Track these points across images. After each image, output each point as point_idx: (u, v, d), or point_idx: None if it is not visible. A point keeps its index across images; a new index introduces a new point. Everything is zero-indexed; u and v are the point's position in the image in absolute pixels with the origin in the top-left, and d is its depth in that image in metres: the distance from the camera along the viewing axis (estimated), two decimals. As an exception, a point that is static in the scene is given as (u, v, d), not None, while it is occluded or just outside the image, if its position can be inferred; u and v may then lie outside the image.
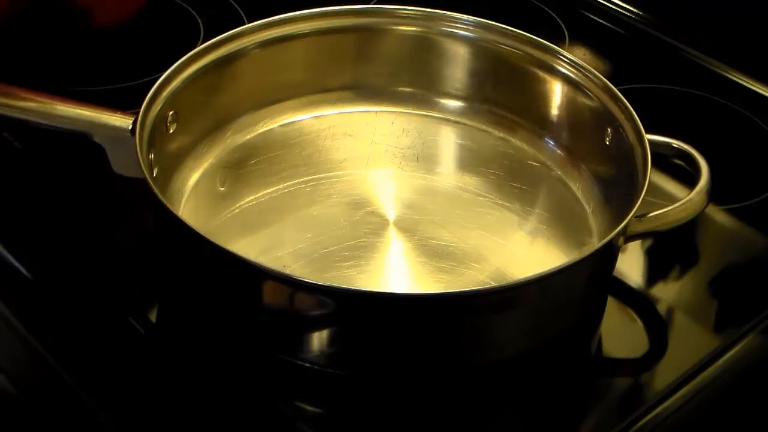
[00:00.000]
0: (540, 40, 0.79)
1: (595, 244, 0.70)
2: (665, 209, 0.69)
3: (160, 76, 0.72)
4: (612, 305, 0.71)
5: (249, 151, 0.78)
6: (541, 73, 0.79)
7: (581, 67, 0.77)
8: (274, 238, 0.71)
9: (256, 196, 0.74)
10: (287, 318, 0.63)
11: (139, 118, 0.69)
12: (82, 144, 0.70)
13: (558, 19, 0.99)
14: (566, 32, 0.98)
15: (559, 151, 0.79)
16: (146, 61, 0.85)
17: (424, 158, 0.79)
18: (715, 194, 0.70)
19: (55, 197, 0.75)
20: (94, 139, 0.70)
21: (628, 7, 1.01)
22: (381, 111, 0.81)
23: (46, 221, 0.73)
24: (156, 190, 0.64)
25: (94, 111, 0.70)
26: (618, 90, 0.75)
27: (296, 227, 0.72)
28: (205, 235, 0.61)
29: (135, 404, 0.63)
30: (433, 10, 0.81)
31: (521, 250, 0.73)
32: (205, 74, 0.75)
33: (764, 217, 0.79)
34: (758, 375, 0.69)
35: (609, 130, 0.75)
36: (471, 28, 0.81)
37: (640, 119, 0.72)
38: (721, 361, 0.67)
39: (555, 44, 0.79)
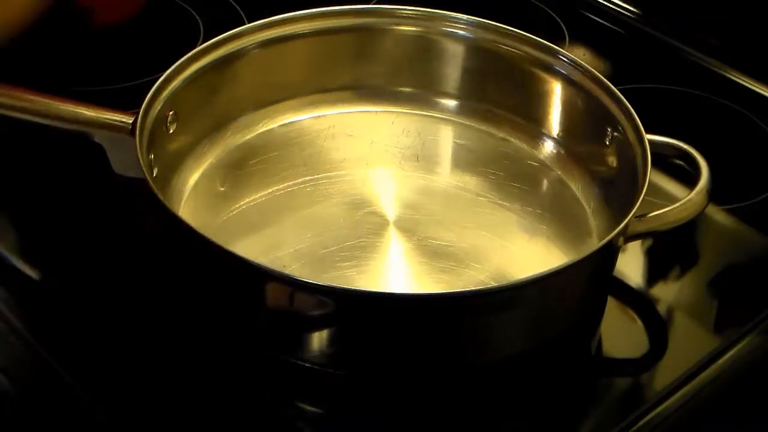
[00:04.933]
0: (540, 40, 0.79)
1: (595, 244, 0.70)
2: (665, 209, 0.69)
3: (160, 76, 0.72)
4: (612, 305, 0.71)
5: (249, 151, 0.78)
6: (541, 73, 0.79)
7: (581, 67, 0.77)
8: (274, 238, 0.71)
9: (256, 196, 0.74)
10: (287, 318, 0.63)
11: (139, 118, 0.69)
12: (82, 144, 0.70)
13: (558, 19, 0.99)
14: (566, 32, 0.98)
15: (559, 151, 0.79)
16: (146, 61, 0.85)
17: (424, 158, 0.79)
18: (715, 194, 0.70)
19: (55, 197, 0.75)
20: (94, 139, 0.70)
21: (628, 7, 1.01)
22: (381, 111, 0.82)
23: (46, 221, 0.73)
24: (156, 190, 0.64)
25: (94, 111, 0.70)
26: (618, 90, 0.75)
27: (296, 227, 0.72)
28: (205, 235, 0.61)
29: (135, 404, 0.63)
30: (433, 10, 0.81)
31: (521, 250, 0.72)
32: (205, 74, 0.75)
33: (764, 217, 0.79)
34: (758, 375, 0.69)
35: (609, 130, 0.75)
36: (471, 28, 0.81)
37: (640, 119, 0.72)
38: (721, 361, 0.67)
39: (555, 44, 0.79)
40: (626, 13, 1.01)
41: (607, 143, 0.75)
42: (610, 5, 1.02)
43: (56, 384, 0.65)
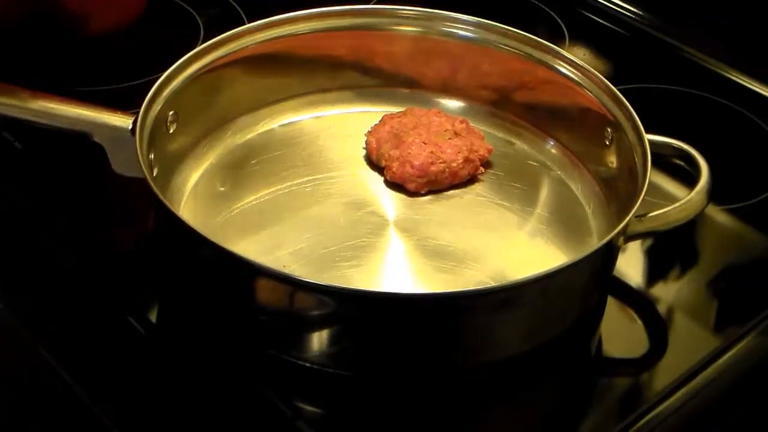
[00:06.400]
0: (540, 40, 0.79)
1: (595, 244, 0.70)
2: (665, 209, 0.69)
3: (160, 76, 0.73)
4: (612, 305, 0.71)
5: (249, 151, 0.78)
6: (541, 73, 0.79)
7: (581, 67, 0.77)
8: (274, 238, 0.71)
9: (256, 196, 0.74)
10: (287, 318, 0.63)
11: (139, 118, 0.69)
12: (82, 144, 0.70)
13: (558, 19, 0.99)
14: (566, 32, 0.98)
15: (559, 151, 0.79)
16: (146, 61, 0.85)
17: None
18: (715, 194, 0.70)
19: (55, 197, 0.75)
20: (94, 139, 0.70)
21: (628, 7, 1.01)
22: (381, 111, 0.81)
23: (46, 221, 0.73)
24: (156, 190, 0.64)
25: (94, 111, 0.70)
26: (618, 90, 0.75)
27: (296, 227, 0.72)
28: (205, 235, 0.61)
29: (135, 404, 0.63)
30: (433, 10, 0.81)
31: (521, 250, 0.72)
32: (205, 74, 0.76)
33: (764, 217, 0.79)
34: (758, 375, 0.69)
35: (609, 130, 0.75)
36: (471, 28, 0.81)
37: (640, 119, 0.72)
38: (721, 361, 0.67)
39: (555, 44, 0.79)
40: (626, 13, 1.01)
41: (607, 143, 0.75)
42: (610, 5, 1.02)
43: (56, 384, 0.65)
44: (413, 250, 0.71)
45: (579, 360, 0.68)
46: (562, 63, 0.78)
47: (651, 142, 0.70)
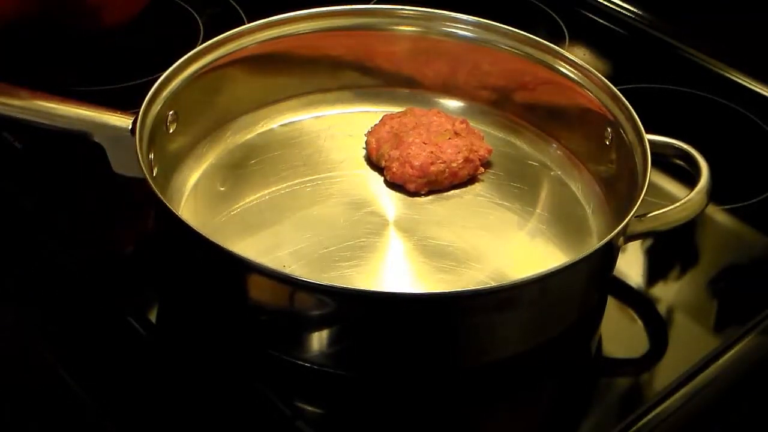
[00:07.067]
0: (540, 40, 0.79)
1: (595, 244, 0.70)
2: (665, 209, 0.69)
3: (160, 76, 0.73)
4: (612, 305, 0.71)
5: (249, 151, 0.78)
6: (541, 73, 0.79)
7: (581, 67, 0.77)
8: (274, 238, 0.71)
9: (256, 196, 0.74)
10: (287, 318, 0.63)
11: (139, 118, 0.69)
12: (82, 144, 0.70)
13: (558, 19, 0.99)
14: (566, 32, 0.98)
15: (559, 151, 0.79)
16: (146, 61, 0.85)
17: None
18: (715, 194, 0.70)
19: (55, 197, 0.75)
20: (94, 139, 0.70)
21: (628, 7, 1.01)
22: (381, 111, 0.81)
23: (46, 221, 0.73)
24: (156, 190, 0.64)
25: (94, 111, 0.70)
26: (618, 90, 0.75)
27: (296, 227, 0.72)
28: (205, 235, 0.61)
29: (135, 404, 0.63)
30: (433, 10, 0.81)
31: (521, 250, 0.73)
32: (205, 74, 0.76)
33: (764, 217, 0.79)
34: (758, 375, 0.69)
35: (609, 130, 0.75)
36: (471, 28, 0.81)
37: (640, 119, 0.72)
38: (721, 361, 0.67)
39: (555, 44, 0.79)
40: (626, 13, 1.01)
41: (607, 143, 0.75)
42: (610, 5, 1.02)
43: (56, 384, 0.65)
44: (413, 250, 0.71)
45: (579, 360, 0.68)
46: (562, 63, 0.78)
47: (651, 142, 0.70)
